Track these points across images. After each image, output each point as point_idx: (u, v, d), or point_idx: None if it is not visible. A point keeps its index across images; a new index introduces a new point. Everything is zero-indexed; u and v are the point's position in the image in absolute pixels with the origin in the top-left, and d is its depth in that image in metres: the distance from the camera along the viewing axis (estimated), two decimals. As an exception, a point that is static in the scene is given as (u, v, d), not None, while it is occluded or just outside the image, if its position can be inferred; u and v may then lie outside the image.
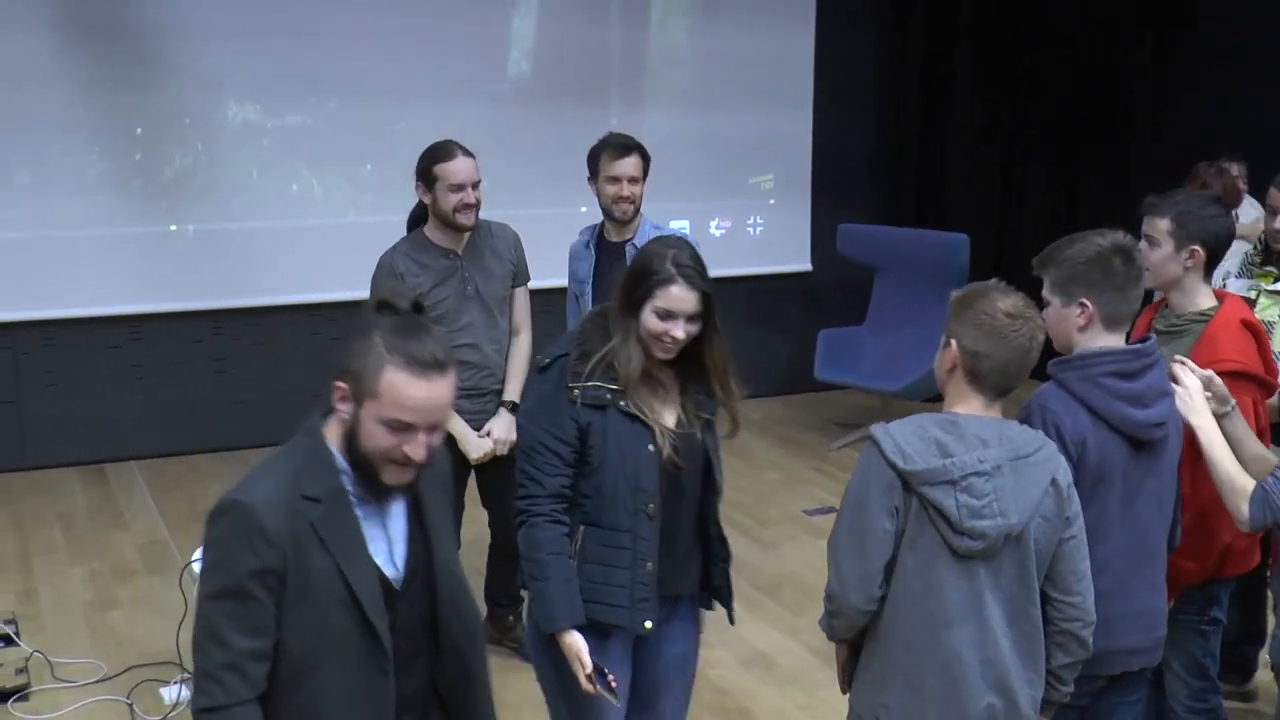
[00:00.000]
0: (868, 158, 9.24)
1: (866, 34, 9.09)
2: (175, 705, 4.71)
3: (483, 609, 5.08)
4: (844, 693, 3.13)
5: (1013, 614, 2.87)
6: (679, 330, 3.12)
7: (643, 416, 3.18)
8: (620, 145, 4.83)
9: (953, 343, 2.91)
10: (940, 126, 9.21)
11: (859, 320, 8.41)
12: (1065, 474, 2.88)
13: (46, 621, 5.45)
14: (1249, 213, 6.51)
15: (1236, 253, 6.10)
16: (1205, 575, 3.61)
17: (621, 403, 3.16)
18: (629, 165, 4.79)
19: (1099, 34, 9.31)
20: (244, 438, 7.65)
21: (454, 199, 4.59)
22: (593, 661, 3.10)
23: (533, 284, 5.00)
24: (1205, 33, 8.95)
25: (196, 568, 4.42)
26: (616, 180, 4.79)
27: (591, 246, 4.93)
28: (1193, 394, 3.22)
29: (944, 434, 2.81)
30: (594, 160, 4.86)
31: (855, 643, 3.03)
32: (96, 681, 4.92)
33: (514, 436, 4.55)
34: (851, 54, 9.01)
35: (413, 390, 2.35)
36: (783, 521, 6.80)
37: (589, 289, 4.87)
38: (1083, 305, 3.13)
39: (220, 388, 7.72)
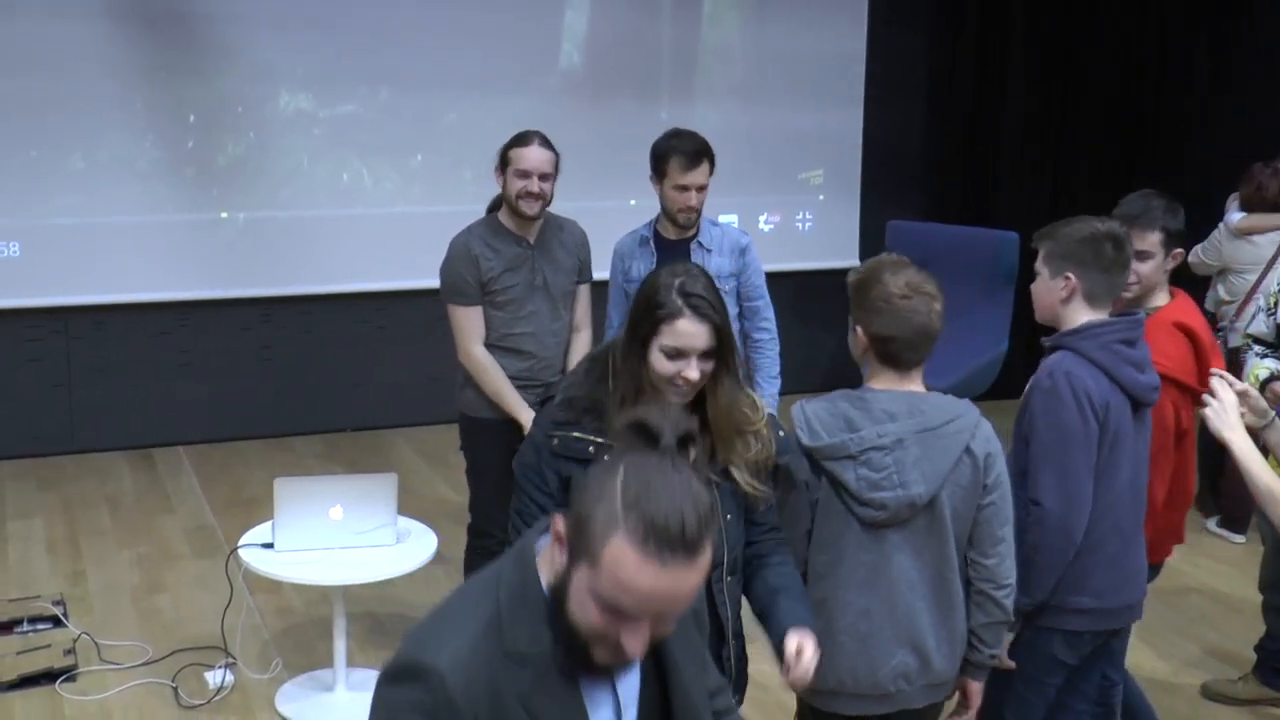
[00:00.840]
0: (918, 155, 9.18)
1: (918, 31, 9.03)
2: (219, 690, 4.74)
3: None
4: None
5: (930, 577, 3.02)
6: (692, 370, 2.70)
7: None
8: (692, 153, 4.64)
9: (858, 329, 3.07)
10: (991, 124, 9.13)
11: (906, 318, 8.35)
12: (984, 444, 3.01)
13: (94, 604, 5.50)
14: None
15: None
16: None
17: (605, 458, 2.73)
18: (699, 175, 4.64)
19: (1152, 33, 9.22)
20: (289, 425, 7.72)
21: (519, 184, 4.56)
22: None
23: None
24: (1261, 30, 8.84)
25: (243, 554, 4.47)
26: (685, 189, 4.64)
27: (652, 244, 4.79)
28: (1227, 409, 3.19)
29: (853, 409, 3.00)
30: (661, 162, 4.68)
31: None
32: (142, 664, 4.96)
33: None
34: (903, 51, 8.95)
35: (643, 576, 1.73)
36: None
37: None
38: (1067, 279, 3.32)
39: (267, 375, 7.77)
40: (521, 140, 4.63)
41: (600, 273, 4.91)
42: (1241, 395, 3.25)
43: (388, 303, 7.80)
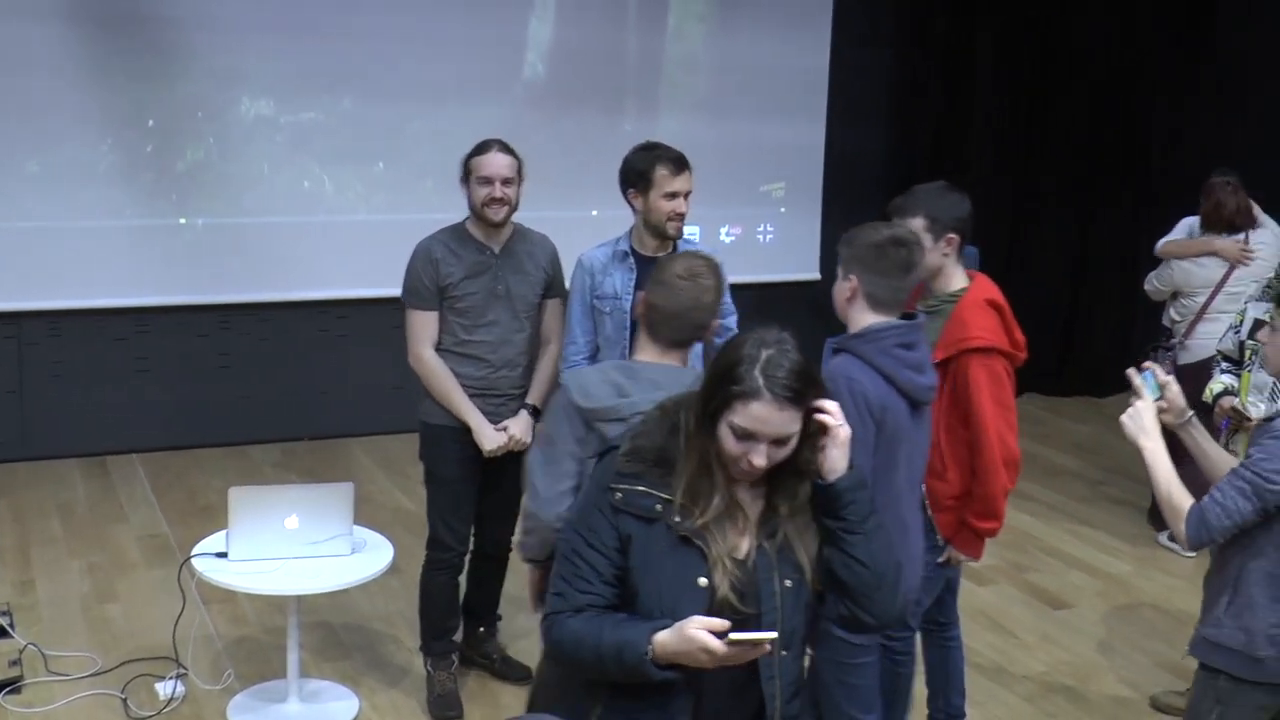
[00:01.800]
0: (881, 169, 9.20)
1: (883, 46, 9.06)
2: (170, 701, 4.68)
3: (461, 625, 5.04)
4: (534, 611, 3.42)
5: None
6: (759, 457, 2.43)
7: (697, 540, 2.49)
8: (677, 158, 4.51)
9: (640, 295, 3.33)
10: (955, 139, 9.18)
11: (867, 331, 8.38)
12: None
13: (43, 613, 5.42)
14: (1265, 237, 6.45)
15: (1255, 277, 6.12)
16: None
17: (675, 518, 2.49)
18: (686, 180, 4.51)
19: (1117, 52, 9.29)
20: (247, 433, 7.66)
21: (482, 192, 4.55)
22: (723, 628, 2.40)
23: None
24: (1225, 45, 8.95)
25: (196, 563, 4.42)
26: (675, 196, 4.47)
27: (631, 260, 4.58)
28: (1141, 414, 3.32)
29: (622, 378, 3.27)
30: (645, 173, 4.50)
31: (545, 565, 3.30)
32: (90, 675, 4.89)
33: (529, 437, 4.59)
34: (867, 67, 8.98)
35: None
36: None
37: (628, 304, 4.54)
38: (850, 280, 3.53)
39: (225, 382, 7.70)
40: (481, 149, 4.62)
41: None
42: (1163, 387, 3.37)
43: (348, 311, 7.75)
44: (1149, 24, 9.28)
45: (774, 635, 2.42)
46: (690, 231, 6.30)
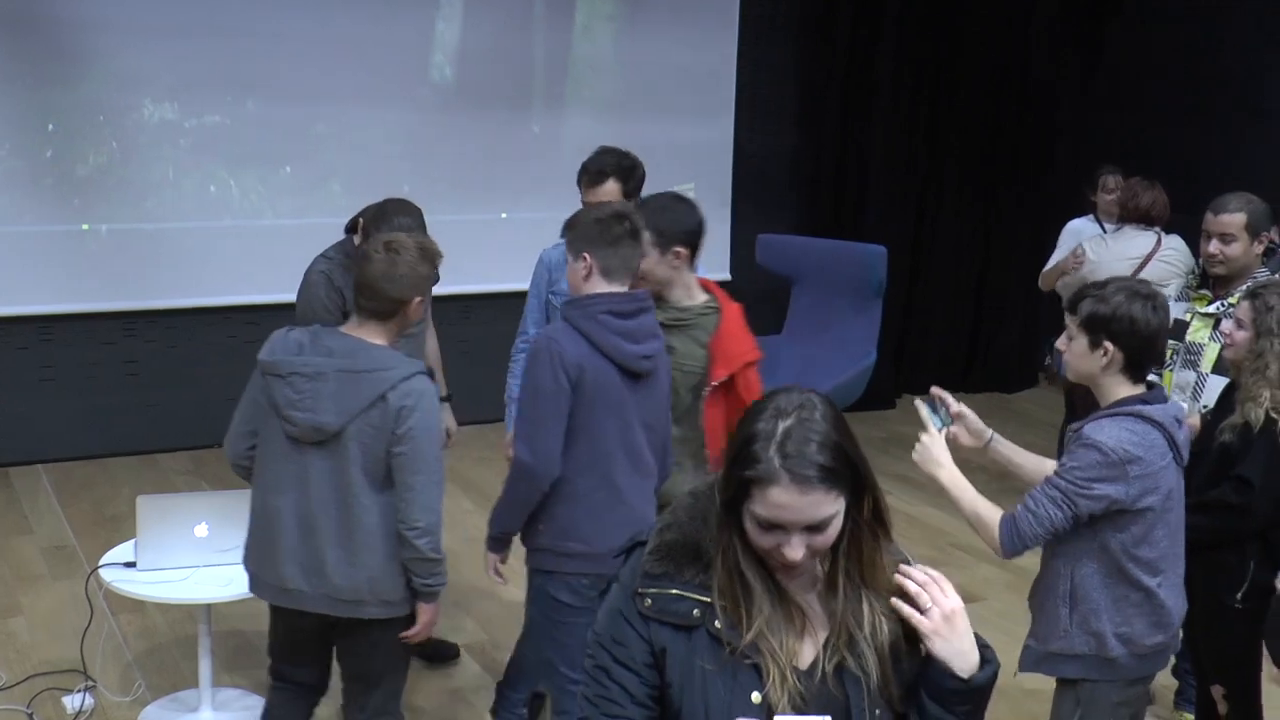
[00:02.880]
0: (788, 168, 9.29)
1: (789, 45, 9.14)
2: (79, 714, 4.62)
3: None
4: None
5: (337, 499, 3.48)
6: (793, 550, 2.01)
7: (748, 651, 2.07)
8: (596, 172, 4.58)
9: None
10: (860, 138, 9.28)
11: (777, 330, 8.43)
12: (401, 398, 3.41)
13: (-54, 628, 5.33)
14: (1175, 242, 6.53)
15: (1177, 275, 6.23)
16: None
17: (717, 623, 2.07)
18: (606, 193, 4.53)
19: (1019, 45, 9.45)
20: (155, 441, 7.57)
21: None
22: None
23: (451, 289, 4.97)
24: (1125, 39, 9.14)
25: (104, 573, 4.36)
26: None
27: None
28: (930, 446, 3.45)
29: (307, 339, 3.52)
30: (580, 177, 4.63)
31: None
32: (-3, 689, 4.82)
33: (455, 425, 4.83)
34: (774, 64, 9.06)
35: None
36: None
37: None
38: (584, 259, 3.65)
39: (132, 390, 7.59)
40: None
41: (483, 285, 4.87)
42: (958, 417, 3.50)
43: (256, 316, 7.66)
44: (1050, 18, 9.46)
45: None
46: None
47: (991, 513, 3.36)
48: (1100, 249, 6.53)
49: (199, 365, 7.64)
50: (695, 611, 2.07)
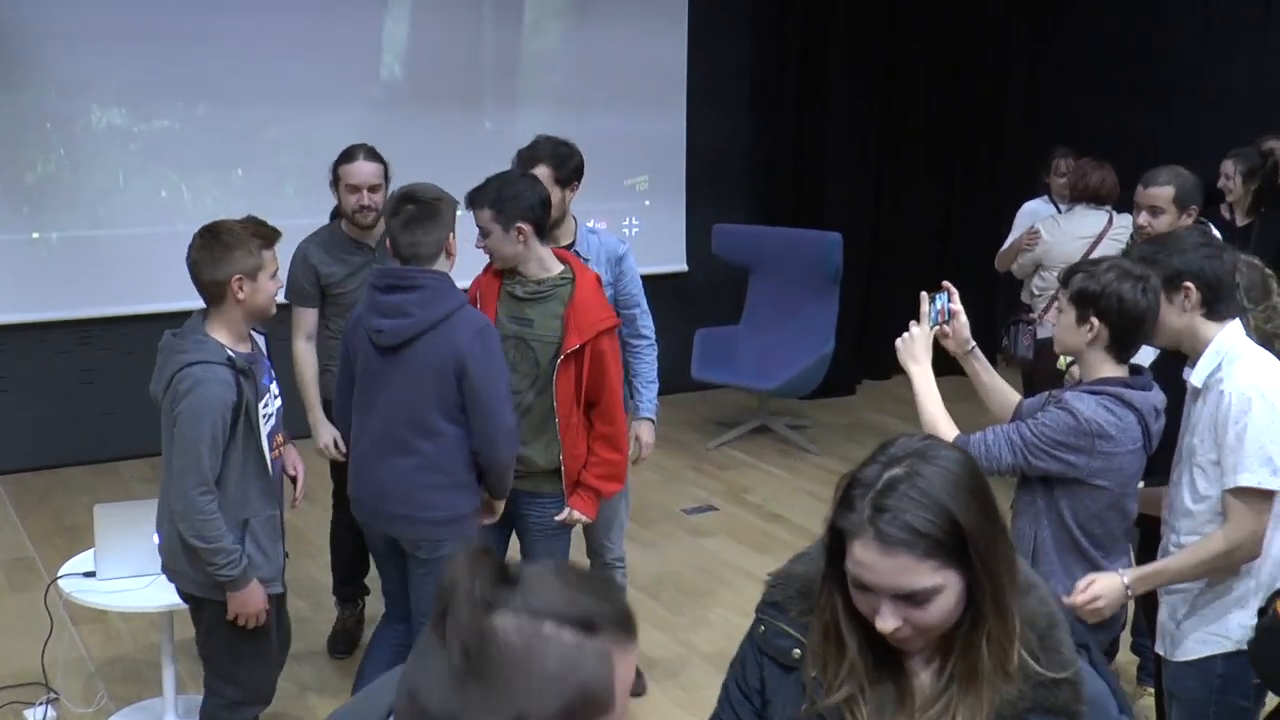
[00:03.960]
0: (742, 158, 9.31)
1: (740, 35, 9.16)
2: (43, 726, 4.58)
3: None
4: None
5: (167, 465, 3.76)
6: (884, 619, 1.79)
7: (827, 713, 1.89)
8: (529, 157, 4.64)
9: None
10: (815, 126, 9.29)
11: (735, 320, 8.47)
12: (181, 382, 3.64)
13: (-95, 644, 5.27)
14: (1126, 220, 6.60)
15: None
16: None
17: (812, 673, 1.90)
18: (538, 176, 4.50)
19: (972, 35, 9.50)
20: (114, 449, 7.49)
21: (351, 200, 4.84)
22: None
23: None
24: (1072, 21, 9.21)
25: (63, 584, 4.33)
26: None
27: None
28: (915, 339, 3.54)
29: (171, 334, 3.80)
30: (514, 164, 4.66)
31: None
32: (-42, 704, 4.77)
33: None
34: (725, 55, 9.07)
35: (631, 664, 1.50)
36: (662, 521, 6.82)
37: None
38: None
39: (89, 399, 7.53)
40: (348, 156, 4.87)
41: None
42: (953, 315, 3.59)
43: (212, 320, 7.63)
44: (1000, 6, 9.51)
45: None
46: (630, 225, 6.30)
47: (947, 429, 3.43)
48: (1054, 229, 6.60)
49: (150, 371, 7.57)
50: (795, 652, 1.93)
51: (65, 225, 7.32)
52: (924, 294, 3.57)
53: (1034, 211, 7.08)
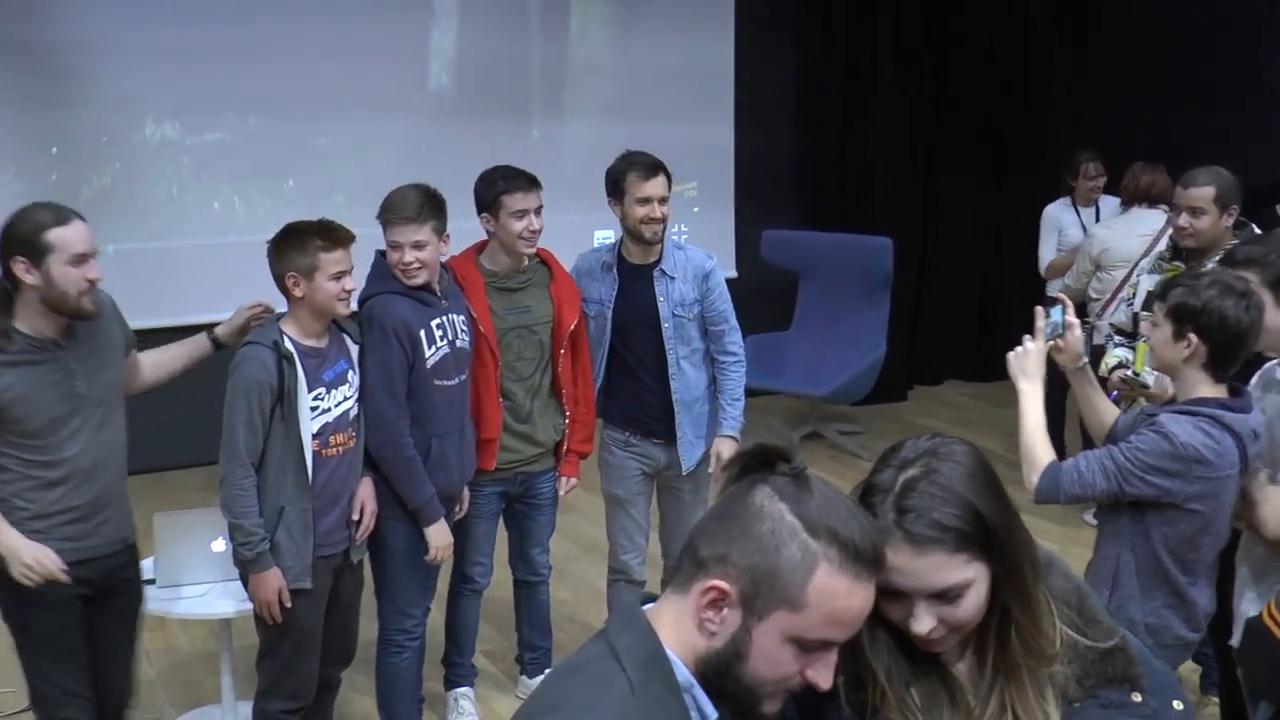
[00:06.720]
0: (790, 164, 9.30)
1: (786, 42, 9.15)
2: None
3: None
4: None
5: None
6: (920, 622, 1.76)
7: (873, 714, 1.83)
8: (649, 165, 4.59)
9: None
10: (862, 131, 9.27)
11: (785, 326, 8.45)
12: (235, 359, 4.01)
13: (-30, 651, 5.33)
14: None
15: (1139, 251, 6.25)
16: None
17: (856, 694, 1.84)
18: (657, 185, 4.56)
19: (1014, 37, 9.45)
20: (170, 458, 7.60)
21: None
22: None
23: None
24: (1111, 27, 9.13)
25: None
26: (647, 201, 4.54)
27: (614, 269, 4.69)
28: (1029, 354, 3.35)
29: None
30: (618, 180, 4.61)
31: None
32: (18, 712, 4.80)
33: None
34: (771, 62, 9.06)
35: (854, 600, 1.65)
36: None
37: (609, 311, 4.68)
38: None
39: (146, 409, 7.44)
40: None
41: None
42: (1068, 328, 3.38)
43: (265, 331, 7.69)
44: (1042, 9, 9.45)
45: None
46: (604, 236, 6.35)
47: (1043, 453, 3.30)
48: (1108, 231, 6.56)
49: (212, 381, 7.60)
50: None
51: (121, 238, 7.41)
52: (1039, 308, 3.40)
53: (1056, 216, 7.20)
